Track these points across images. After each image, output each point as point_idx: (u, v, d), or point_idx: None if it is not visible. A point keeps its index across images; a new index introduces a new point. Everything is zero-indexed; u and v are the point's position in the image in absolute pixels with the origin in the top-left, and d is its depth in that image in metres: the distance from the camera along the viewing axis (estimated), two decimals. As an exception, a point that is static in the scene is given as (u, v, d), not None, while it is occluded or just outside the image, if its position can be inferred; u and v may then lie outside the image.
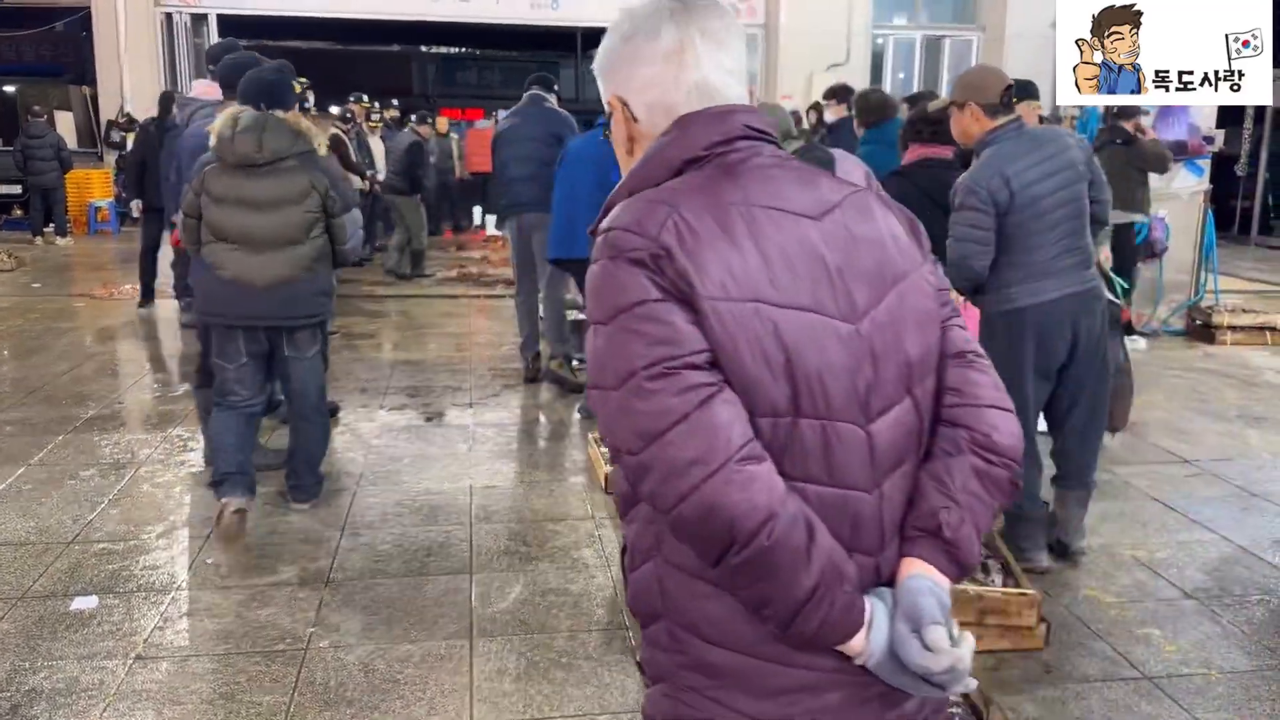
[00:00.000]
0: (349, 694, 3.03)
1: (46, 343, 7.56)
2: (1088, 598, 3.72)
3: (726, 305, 1.21)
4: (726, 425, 1.19)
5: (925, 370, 1.35)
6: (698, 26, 1.34)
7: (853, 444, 1.27)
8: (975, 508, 1.32)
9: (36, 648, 3.26)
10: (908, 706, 1.35)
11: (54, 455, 5.09)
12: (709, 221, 1.24)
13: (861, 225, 1.34)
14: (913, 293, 1.35)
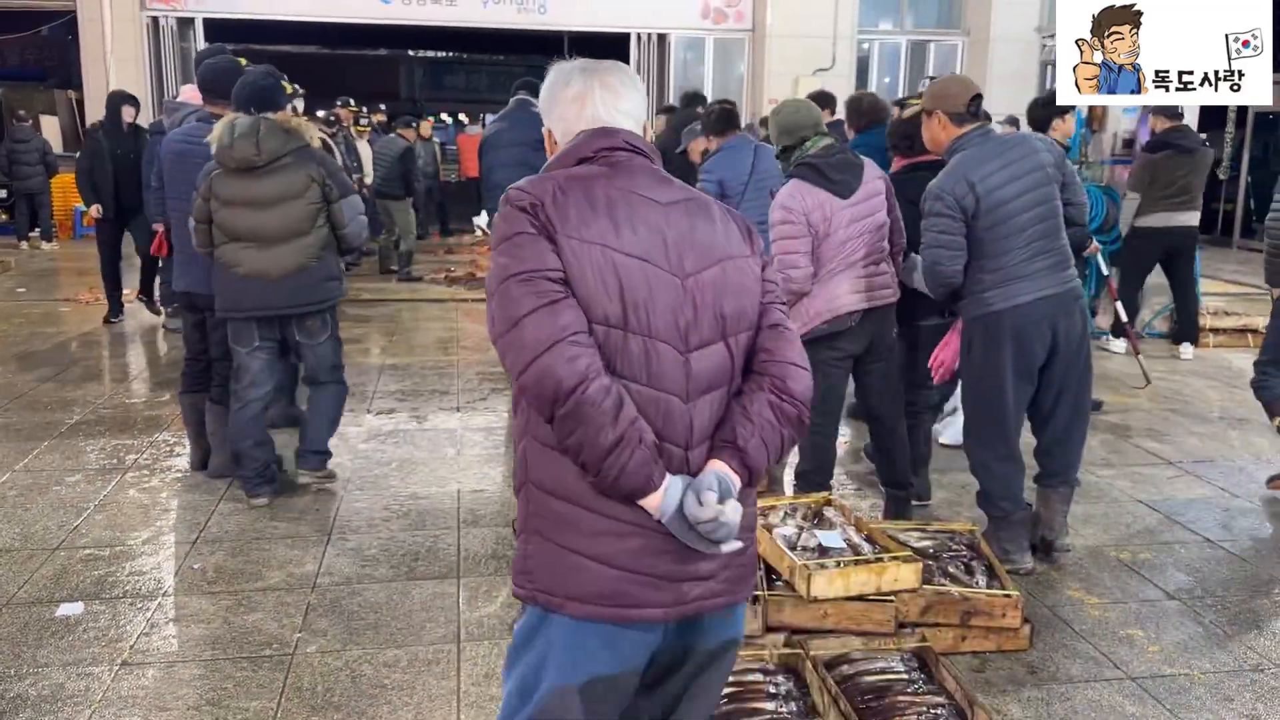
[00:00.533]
0: (336, 699, 3.03)
1: (32, 348, 7.53)
2: (1071, 599, 3.75)
3: (578, 243, 1.71)
4: (564, 319, 1.67)
5: (739, 328, 1.84)
6: (599, 80, 1.89)
7: (670, 362, 1.76)
8: (765, 429, 1.79)
9: (21, 654, 3.25)
10: (701, 566, 1.78)
11: (39, 461, 5.07)
12: (578, 193, 1.76)
13: (699, 218, 1.84)
14: (735, 271, 1.84)
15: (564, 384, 1.64)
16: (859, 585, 3.30)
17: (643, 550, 1.74)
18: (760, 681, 2.99)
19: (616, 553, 1.74)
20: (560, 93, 1.91)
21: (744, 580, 1.88)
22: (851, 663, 3.11)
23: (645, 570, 1.75)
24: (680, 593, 1.77)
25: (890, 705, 2.89)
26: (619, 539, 1.74)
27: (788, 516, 3.76)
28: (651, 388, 1.74)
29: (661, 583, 1.76)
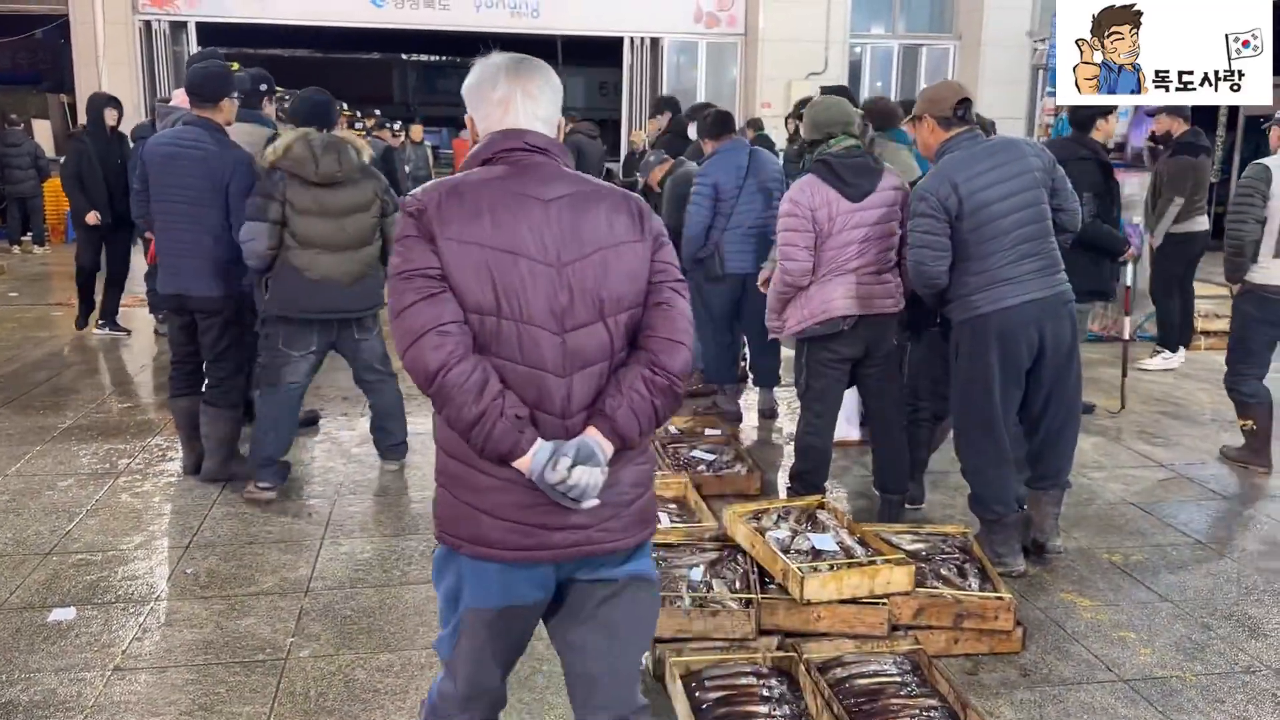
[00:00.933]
0: (329, 704, 3.03)
1: (24, 352, 7.51)
2: (1063, 601, 3.76)
3: (455, 244, 1.94)
4: (435, 311, 1.92)
5: (619, 309, 2.03)
6: (521, 88, 2.08)
7: (546, 342, 1.98)
8: (635, 400, 1.99)
9: (13, 660, 3.24)
10: (573, 518, 2.01)
11: (31, 465, 5.06)
12: (459, 199, 1.97)
13: (583, 211, 2.02)
14: (616, 258, 2.02)
15: (429, 368, 1.92)
16: (852, 588, 3.30)
17: (521, 504, 2.00)
18: (754, 685, 2.99)
19: (499, 505, 2.01)
20: (488, 94, 2.09)
21: (631, 529, 2.09)
22: (844, 665, 3.12)
23: (524, 520, 2.01)
24: (554, 540, 2.03)
25: (883, 708, 2.90)
26: (502, 493, 2.01)
27: (781, 519, 3.77)
28: (526, 365, 1.98)
29: (538, 531, 2.01)
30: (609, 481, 2.00)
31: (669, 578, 3.47)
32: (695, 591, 3.39)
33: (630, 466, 2.07)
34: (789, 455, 5.49)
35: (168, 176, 4.55)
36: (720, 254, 5.71)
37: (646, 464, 2.14)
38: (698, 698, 2.92)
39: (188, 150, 4.51)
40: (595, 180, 2.13)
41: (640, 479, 2.11)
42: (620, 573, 2.12)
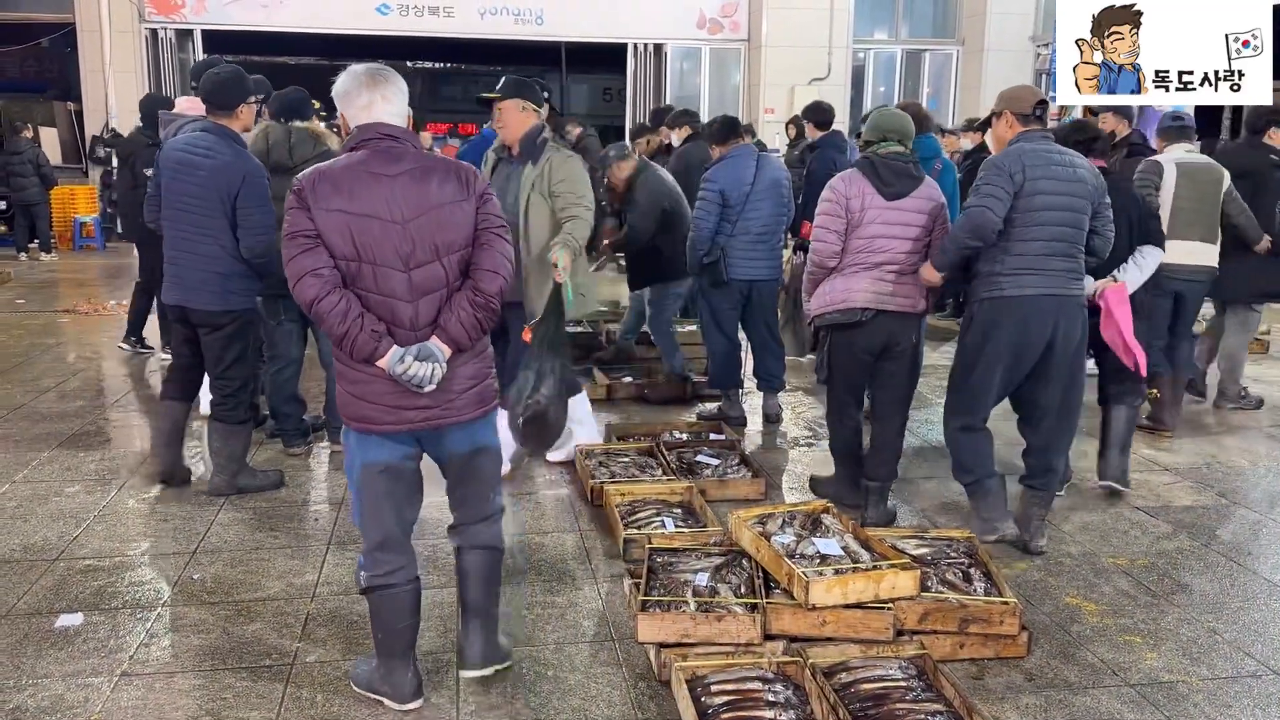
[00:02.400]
0: (336, 709, 3.03)
1: (31, 359, 7.54)
2: (1069, 606, 3.76)
3: (323, 212, 2.73)
4: (310, 261, 2.72)
5: (451, 250, 2.82)
6: (380, 94, 2.85)
7: (395, 278, 2.77)
8: (463, 315, 2.80)
9: (21, 665, 3.25)
10: (419, 400, 2.83)
11: (39, 472, 5.08)
12: (327, 179, 2.76)
13: (419, 181, 2.79)
14: (446, 214, 2.80)
15: (306, 299, 2.73)
16: (857, 593, 3.31)
17: (385, 391, 2.82)
18: (759, 689, 2.99)
19: (370, 393, 2.84)
20: (355, 100, 2.87)
21: (467, 408, 2.91)
22: (850, 670, 3.12)
23: (385, 402, 2.83)
24: (409, 416, 2.85)
25: (889, 713, 2.90)
26: (371, 385, 2.83)
27: (786, 524, 3.77)
28: (381, 295, 2.78)
29: (394, 410, 2.84)
30: (450, 375, 2.82)
31: (674, 583, 3.48)
32: (700, 596, 3.39)
33: (470, 363, 2.90)
34: (794, 459, 5.50)
35: (178, 183, 4.46)
36: (725, 260, 5.71)
37: (481, 363, 2.95)
38: (703, 702, 2.93)
39: (199, 157, 4.43)
40: (432, 156, 2.90)
41: (476, 373, 2.93)
42: (468, 443, 2.99)
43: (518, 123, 4.64)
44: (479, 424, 2.97)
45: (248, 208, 4.40)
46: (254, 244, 4.42)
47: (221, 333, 4.54)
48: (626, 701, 3.09)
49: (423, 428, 2.87)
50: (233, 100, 4.55)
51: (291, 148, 4.97)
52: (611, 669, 3.27)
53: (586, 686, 3.17)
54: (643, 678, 3.21)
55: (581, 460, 4.96)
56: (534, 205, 4.59)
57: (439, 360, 2.77)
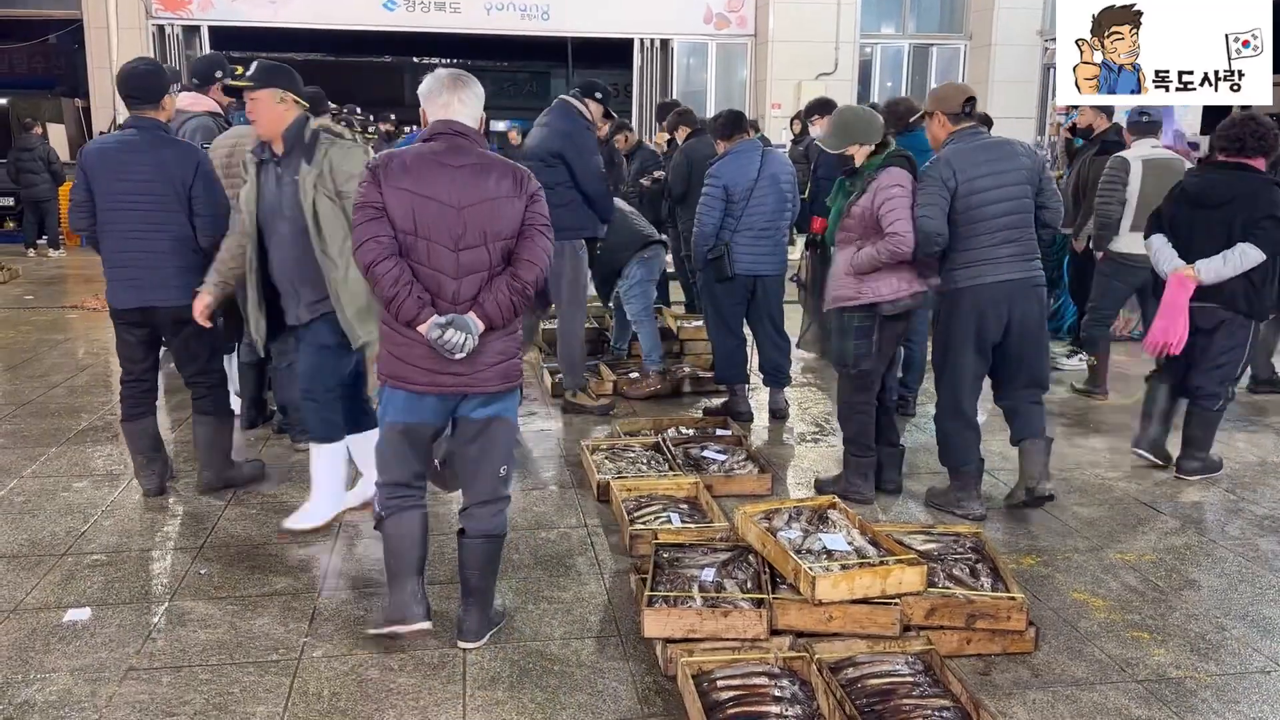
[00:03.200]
0: (342, 704, 3.04)
1: (39, 355, 7.56)
2: (1076, 601, 3.75)
3: (391, 189, 3.08)
4: (374, 229, 3.07)
5: (497, 238, 3.13)
6: (457, 95, 3.20)
7: (444, 255, 3.11)
8: (498, 295, 3.11)
9: (29, 660, 3.26)
10: (453, 366, 3.14)
11: (47, 467, 5.10)
12: (399, 161, 3.11)
13: (479, 174, 3.12)
14: (497, 205, 3.12)
15: (364, 262, 3.09)
16: (864, 588, 3.30)
17: (421, 354, 3.14)
18: (766, 685, 2.99)
19: (409, 355, 3.16)
20: (435, 99, 3.21)
21: (493, 380, 3.21)
22: (857, 666, 3.12)
23: (421, 365, 3.15)
24: (439, 379, 3.17)
25: (895, 708, 2.90)
26: (409, 347, 3.15)
27: (792, 520, 3.77)
28: (430, 268, 3.12)
29: (428, 372, 3.16)
30: (481, 348, 3.14)
31: (680, 578, 3.48)
32: (706, 592, 3.39)
33: (499, 340, 3.20)
34: (800, 454, 5.49)
35: (115, 184, 4.29)
36: (730, 255, 5.71)
37: (510, 341, 3.25)
38: (709, 698, 2.93)
39: (136, 154, 4.28)
40: (494, 155, 3.22)
41: (505, 350, 3.23)
42: (487, 412, 3.26)
43: (274, 117, 3.97)
44: (501, 396, 3.28)
45: (203, 195, 4.32)
46: (215, 229, 4.32)
47: (191, 326, 4.38)
48: (633, 696, 3.09)
49: (450, 392, 3.20)
50: (156, 92, 4.42)
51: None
52: (618, 664, 3.27)
53: (593, 681, 3.17)
54: (649, 673, 3.21)
55: (588, 456, 4.96)
56: (323, 211, 3.92)
57: (472, 332, 3.09)
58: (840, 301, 4.50)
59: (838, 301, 4.51)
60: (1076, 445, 5.62)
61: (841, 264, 4.48)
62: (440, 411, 3.24)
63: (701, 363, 6.90)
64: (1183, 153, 8.23)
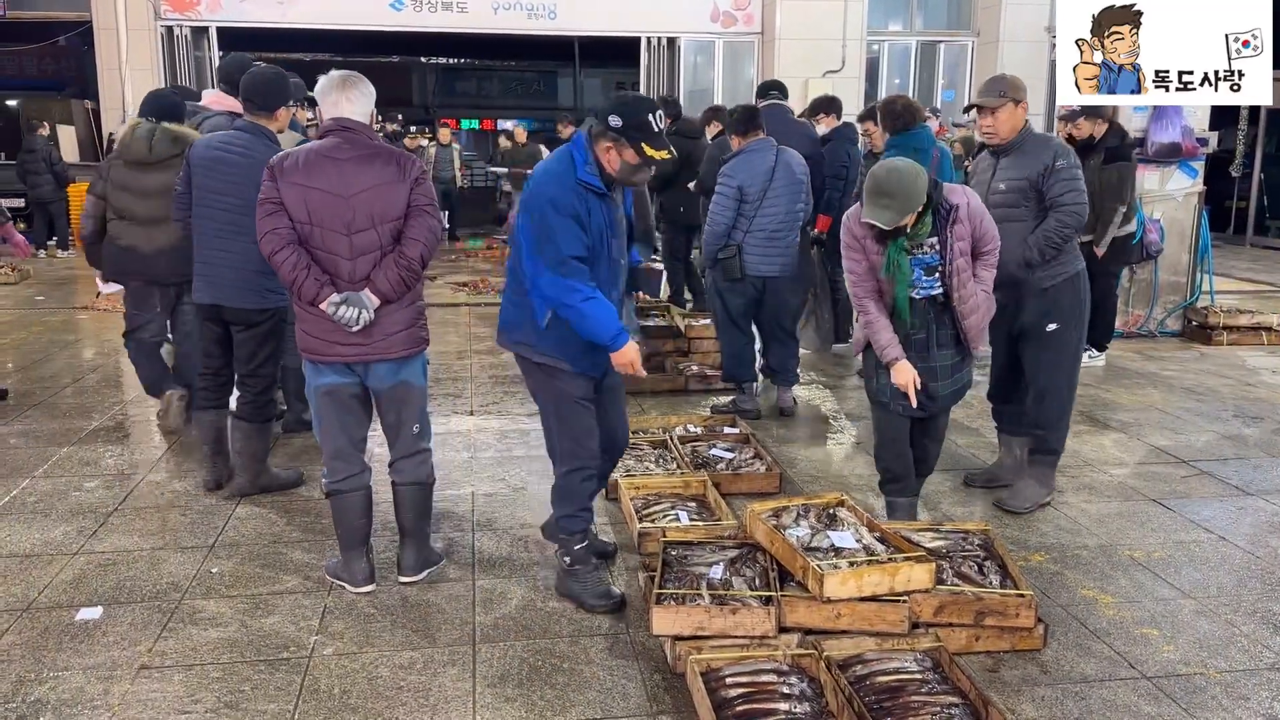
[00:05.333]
0: (353, 701, 3.05)
1: (50, 355, 7.60)
2: (1085, 598, 3.74)
3: (286, 184, 3.45)
4: (273, 223, 3.46)
5: (385, 220, 3.50)
6: (345, 94, 3.55)
7: (338, 240, 3.47)
8: (389, 273, 3.48)
9: (42, 659, 3.28)
10: (351, 338, 3.52)
11: (58, 467, 5.13)
12: (292, 160, 3.49)
13: (364, 164, 3.49)
14: (383, 190, 3.49)
15: (265, 252, 3.49)
16: (872, 586, 3.30)
17: (326, 328, 3.51)
18: (774, 682, 3.00)
19: (315, 329, 3.54)
20: (326, 99, 3.55)
21: (395, 347, 3.57)
22: (865, 663, 3.12)
23: (324, 338, 3.53)
24: (339, 350, 3.54)
25: (904, 705, 2.90)
26: (314, 323, 3.53)
27: (800, 517, 3.77)
28: (326, 252, 3.48)
29: (331, 344, 3.53)
30: (381, 319, 3.51)
31: (688, 575, 3.49)
32: (714, 589, 3.39)
33: (399, 312, 3.55)
34: (809, 453, 5.50)
35: (212, 181, 4.41)
36: (740, 256, 5.70)
37: (411, 312, 3.60)
38: (718, 695, 2.93)
39: (236, 155, 4.40)
40: (381, 145, 3.56)
41: (405, 321, 3.58)
42: (396, 380, 3.63)
43: None
44: (405, 362, 3.63)
45: None
46: None
47: (257, 330, 4.51)
48: (642, 694, 3.10)
49: (354, 360, 3.57)
50: (274, 102, 4.50)
51: (153, 145, 5.23)
52: (627, 661, 3.28)
53: (602, 679, 3.18)
54: (658, 670, 3.22)
55: (596, 454, 4.96)
56: None
57: (366, 307, 3.46)
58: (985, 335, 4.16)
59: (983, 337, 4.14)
60: (1085, 442, 5.61)
61: (976, 301, 3.96)
62: (347, 373, 3.61)
63: (709, 361, 6.90)
64: (1190, 149, 8.22)
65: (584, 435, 3.64)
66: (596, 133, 3.40)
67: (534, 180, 3.49)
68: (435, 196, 3.65)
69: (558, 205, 3.34)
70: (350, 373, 3.62)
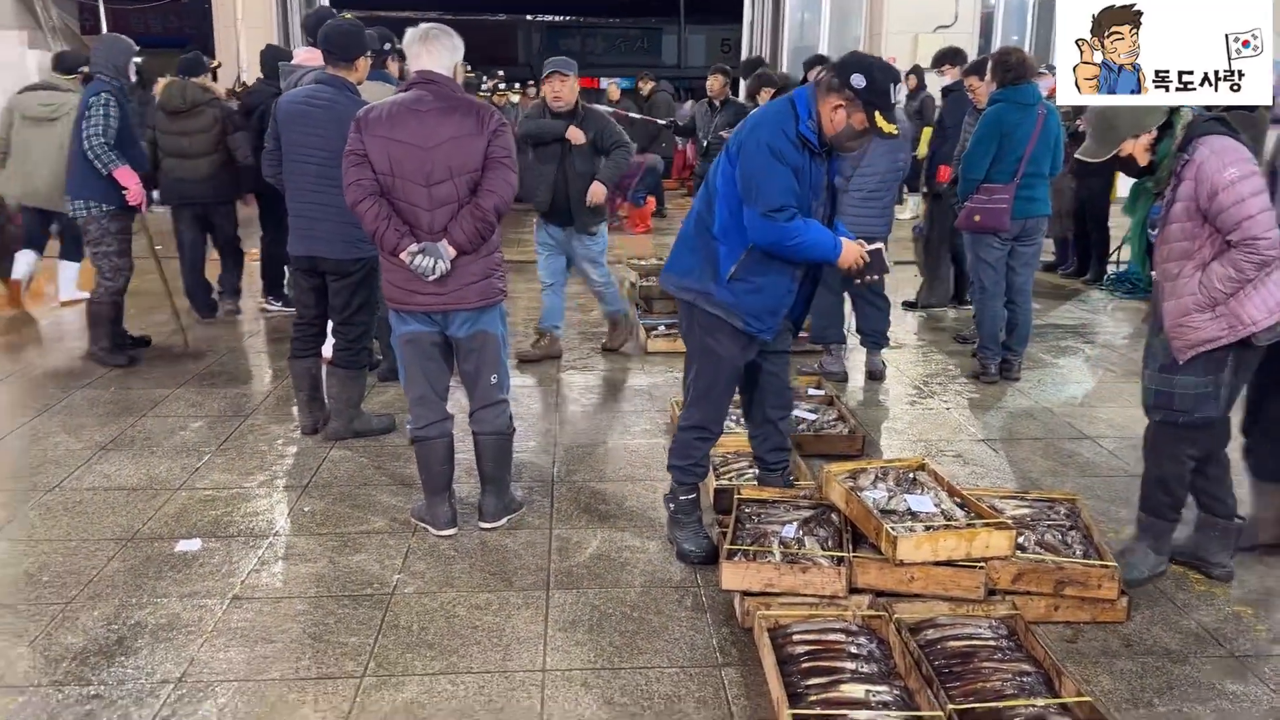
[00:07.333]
0: (430, 637, 3.15)
1: (161, 302, 7.92)
2: (1175, 573, 3.61)
3: (369, 136, 3.57)
4: (357, 174, 3.57)
5: (463, 172, 3.56)
6: (426, 47, 3.63)
7: (418, 191, 3.57)
8: (464, 224, 3.55)
9: (143, 585, 3.47)
10: (429, 287, 3.61)
11: (166, 408, 5.38)
12: (378, 112, 3.60)
13: (443, 115, 3.56)
14: (461, 143, 3.55)
15: (349, 202, 3.60)
16: (948, 550, 3.25)
17: (406, 277, 3.62)
18: (842, 641, 2.98)
19: (396, 278, 3.64)
20: (410, 51, 3.67)
21: (470, 298, 3.66)
22: (937, 627, 3.09)
23: (405, 286, 3.63)
24: (418, 299, 3.64)
25: (974, 670, 2.86)
26: (394, 272, 3.64)
27: (879, 480, 3.72)
28: (407, 203, 3.58)
29: (413, 294, 3.63)
30: (458, 270, 3.59)
31: (760, 533, 3.49)
32: (786, 548, 3.39)
33: (475, 263, 3.63)
34: (895, 417, 5.41)
35: (299, 135, 4.50)
36: None
37: (488, 264, 3.68)
38: (785, 650, 2.94)
39: (320, 109, 4.47)
40: (461, 97, 3.62)
41: (483, 271, 3.66)
42: (474, 330, 3.73)
43: None
44: (482, 312, 3.72)
45: None
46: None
47: (350, 279, 4.62)
48: (709, 645, 3.12)
49: (431, 308, 3.66)
50: (353, 52, 4.58)
51: (185, 95, 6.93)
52: (696, 614, 3.31)
53: (670, 629, 3.21)
54: (726, 624, 3.24)
55: (676, 411, 4.97)
56: None
57: (442, 257, 3.54)
58: (1198, 348, 3.28)
59: (1195, 348, 3.28)
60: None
61: (1187, 298, 3.26)
62: (427, 321, 3.71)
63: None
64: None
65: (722, 403, 3.65)
66: (828, 87, 3.28)
67: (752, 127, 3.35)
68: (514, 149, 3.69)
69: (778, 152, 3.24)
70: (431, 321, 3.71)
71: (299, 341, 4.88)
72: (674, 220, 13.52)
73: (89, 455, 4.66)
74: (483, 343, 3.76)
